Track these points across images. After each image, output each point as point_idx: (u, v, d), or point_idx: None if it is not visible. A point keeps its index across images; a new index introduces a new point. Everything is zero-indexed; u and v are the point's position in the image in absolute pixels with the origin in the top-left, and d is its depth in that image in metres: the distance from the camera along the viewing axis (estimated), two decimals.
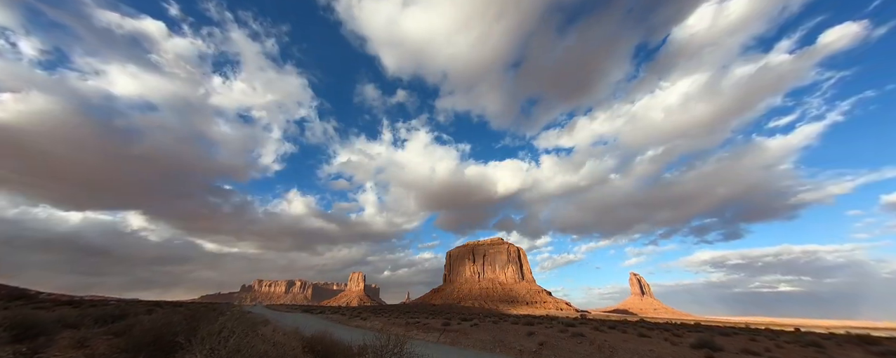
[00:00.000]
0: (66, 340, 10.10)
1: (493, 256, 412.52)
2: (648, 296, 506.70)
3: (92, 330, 11.82)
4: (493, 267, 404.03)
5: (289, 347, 8.16)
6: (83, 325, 13.21)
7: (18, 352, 8.43)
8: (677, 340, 23.96)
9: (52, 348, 9.20)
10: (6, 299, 33.78)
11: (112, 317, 15.01)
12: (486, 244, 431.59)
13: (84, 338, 10.24)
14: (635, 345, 21.83)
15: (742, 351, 20.43)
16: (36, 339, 9.72)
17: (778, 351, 21.61)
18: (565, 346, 21.11)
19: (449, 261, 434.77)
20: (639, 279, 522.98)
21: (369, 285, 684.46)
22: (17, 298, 37.68)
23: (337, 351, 10.04)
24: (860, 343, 23.89)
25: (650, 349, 20.28)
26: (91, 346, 9.66)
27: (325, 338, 10.86)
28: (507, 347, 20.80)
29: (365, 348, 8.93)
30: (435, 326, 30.94)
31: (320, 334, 11.23)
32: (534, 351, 19.51)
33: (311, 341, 10.51)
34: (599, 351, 19.64)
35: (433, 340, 23.78)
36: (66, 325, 12.77)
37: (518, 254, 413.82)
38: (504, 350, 19.89)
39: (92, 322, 13.96)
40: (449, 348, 19.57)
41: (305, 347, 10.12)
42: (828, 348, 22.36)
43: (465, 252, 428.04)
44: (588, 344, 21.78)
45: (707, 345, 21.18)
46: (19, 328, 9.81)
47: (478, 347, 20.69)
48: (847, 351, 21.85)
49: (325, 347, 10.18)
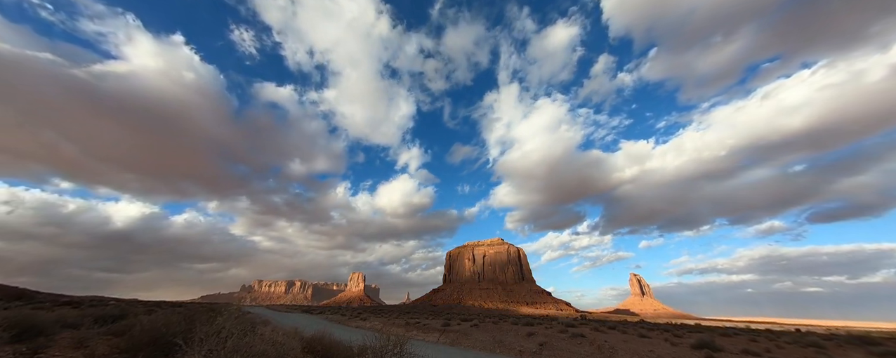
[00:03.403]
0: (65, 340, 10.09)
1: (493, 257, 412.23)
2: (649, 296, 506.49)
3: (92, 330, 11.81)
4: (493, 267, 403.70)
5: (288, 348, 8.15)
6: (83, 325, 13.20)
7: (18, 352, 8.42)
8: (677, 341, 23.93)
9: (52, 348, 9.19)
10: (6, 299, 33.78)
11: (112, 317, 14.98)
12: (486, 244, 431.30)
13: (84, 338, 10.23)
14: (635, 345, 21.81)
15: (742, 352, 20.40)
16: (36, 339, 9.71)
17: (778, 351, 21.58)
18: (565, 346, 21.09)
19: (449, 261, 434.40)
20: (639, 280, 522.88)
21: (369, 285, 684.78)
22: (17, 298, 37.68)
23: (337, 351, 10.01)
24: (861, 343, 23.84)
25: (650, 350, 20.26)
26: (91, 346, 9.65)
27: (324, 338, 10.84)
28: (507, 347, 20.78)
29: (365, 349, 8.92)
30: (435, 327, 30.91)
31: (320, 335, 11.21)
32: (534, 351, 19.48)
33: (311, 342, 10.49)
34: (599, 351, 19.62)
35: (433, 340, 23.76)
36: (66, 325, 12.74)
37: (518, 254, 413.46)
38: (504, 351, 19.86)
39: (92, 322, 13.94)
40: (449, 349, 19.55)
41: (305, 347, 10.11)
42: (828, 349, 22.32)
43: (465, 252, 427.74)
44: (588, 344, 21.76)
45: (707, 345, 21.17)
46: (19, 328, 9.80)
47: (478, 348, 20.67)
48: (847, 351, 21.82)
49: (324, 348, 10.15)
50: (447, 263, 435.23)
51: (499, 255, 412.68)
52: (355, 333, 23.62)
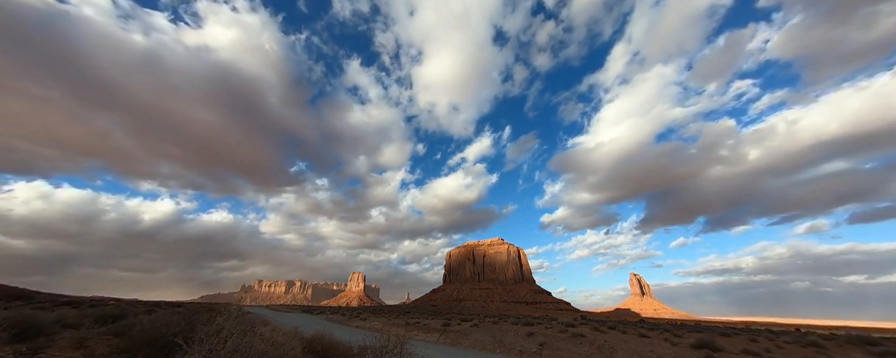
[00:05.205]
0: (65, 340, 10.09)
1: (493, 257, 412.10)
2: (648, 296, 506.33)
3: (92, 330, 11.81)
4: (493, 267, 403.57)
5: (288, 348, 8.14)
6: (83, 325, 13.20)
7: (18, 352, 8.42)
8: (677, 341, 23.93)
9: (52, 348, 9.19)
10: (6, 299, 33.77)
11: (112, 317, 14.97)
12: (486, 244, 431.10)
13: (84, 338, 10.22)
14: (635, 345, 21.81)
15: (742, 352, 20.41)
16: (36, 339, 9.71)
17: (778, 351, 21.59)
18: (565, 346, 21.09)
19: (449, 261, 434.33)
20: (639, 279, 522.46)
21: (369, 285, 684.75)
22: (17, 298, 37.67)
23: (337, 351, 10.01)
24: (861, 343, 23.84)
25: (650, 350, 20.26)
26: (91, 346, 9.65)
27: (324, 338, 10.84)
28: (507, 347, 20.78)
29: (365, 349, 8.92)
30: (435, 327, 30.90)
31: (320, 335, 11.21)
32: (534, 351, 19.48)
33: (311, 342, 10.48)
34: (599, 351, 19.62)
35: (433, 340, 23.76)
36: (66, 325, 12.73)
37: (518, 254, 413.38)
38: (504, 351, 19.86)
39: (92, 322, 13.93)
40: (449, 349, 19.54)
41: (305, 347, 10.11)
42: (828, 349, 22.33)
43: (465, 252, 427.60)
44: (588, 344, 21.76)
45: (707, 345, 21.18)
46: (19, 328, 9.79)
47: (478, 348, 20.67)
48: (847, 351, 21.82)
49: (324, 348, 10.15)
50: (447, 263, 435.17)
51: (499, 255, 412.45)
52: (355, 333, 23.61)
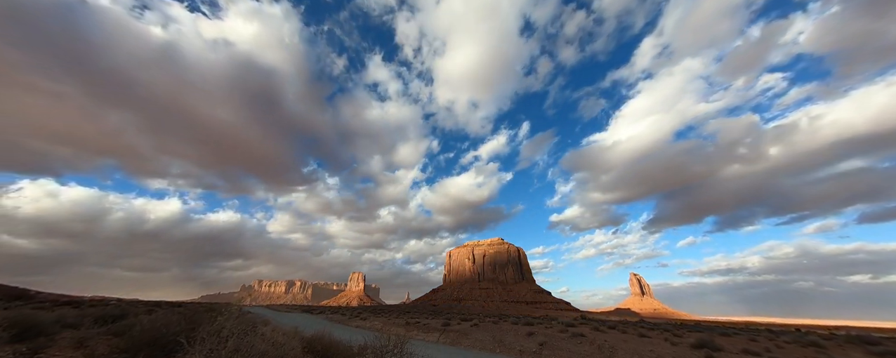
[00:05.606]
0: (65, 340, 10.09)
1: (494, 257, 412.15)
2: (648, 296, 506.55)
3: (92, 330, 11.81)
4: (493, 267, 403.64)
5: (288, 348, 8.14)
6: (83, 325, 13.20)
7: (18, 352, 8.41)
8: (677, 341, 23.94)
9: (52, 348, 9.19)
10: (6, 299, 33.77)
11: (112, 317, 14.98)
12: (486, 244, 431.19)
13: (84, 338, 10.23)
14: (635, 345, 21.81)
15: (742, 351, 20.42)
16: (36, 339, 9.71)
17: (778, 351, 21.59)
18: (565, 346, 21.09)
19: (449, 261, 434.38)
20: (639, 279, 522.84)
21: (369, 285, 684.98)
22: (17, 298, 37.68)
23: (337, 351, 10.01)
24: (861, 343, 23.86)
25: (650, 349, 20.27)
26: (91, 346, 9.65)
27: (324, 338, 10.84)
28: (507, 347, 20.78)
29: (365, 348, 8.92)
30: (435, 327, 30.91)
31: (320, 334, 11.21)
32: (534, 351, 19.49)
33: (311, 341, 10.48)
34: (599, 351, 19.63)
35: (433, 340, 23.76)
36: (66, 325, 12.74)
37: (518, 254, 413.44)
38: (504, 350, 19.87)
39: (92, 322, 13.94)
40: (449, 349, 19.55)
41: (305, 347, 10.10)
42: (828, 348, 22.34)
43: (464, 252, 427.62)
44: (588, 344, 21.76)
45: (707, 345, 21.19)
46: (19, 328, 9.79)
47: (478, 348, 20.68)
48: (847, 351, 21.84)
49: (324, 347, 10.15)
50: (447, 263, 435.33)
51: (499, 254, 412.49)
52: (355, 332, 23.61)
